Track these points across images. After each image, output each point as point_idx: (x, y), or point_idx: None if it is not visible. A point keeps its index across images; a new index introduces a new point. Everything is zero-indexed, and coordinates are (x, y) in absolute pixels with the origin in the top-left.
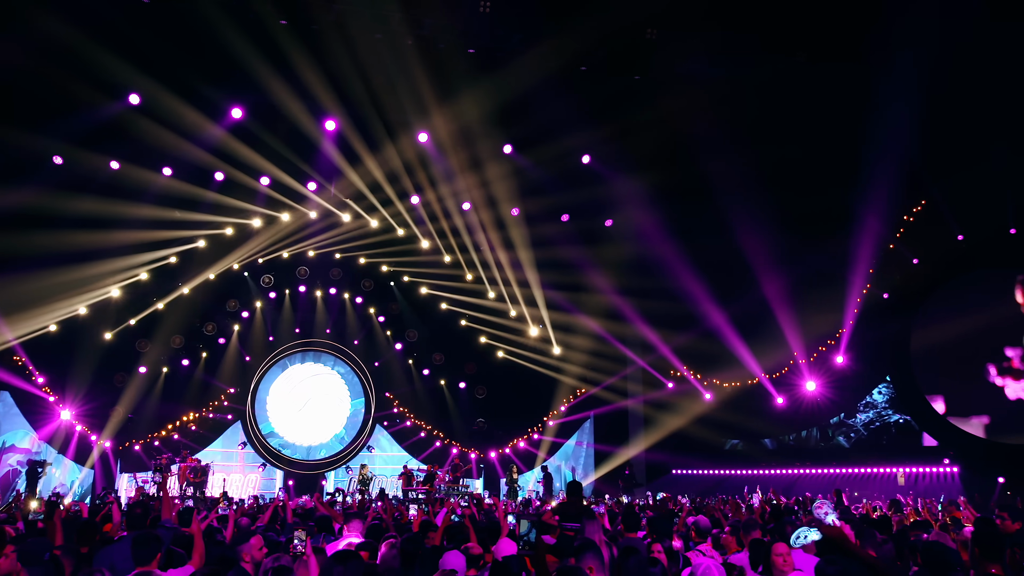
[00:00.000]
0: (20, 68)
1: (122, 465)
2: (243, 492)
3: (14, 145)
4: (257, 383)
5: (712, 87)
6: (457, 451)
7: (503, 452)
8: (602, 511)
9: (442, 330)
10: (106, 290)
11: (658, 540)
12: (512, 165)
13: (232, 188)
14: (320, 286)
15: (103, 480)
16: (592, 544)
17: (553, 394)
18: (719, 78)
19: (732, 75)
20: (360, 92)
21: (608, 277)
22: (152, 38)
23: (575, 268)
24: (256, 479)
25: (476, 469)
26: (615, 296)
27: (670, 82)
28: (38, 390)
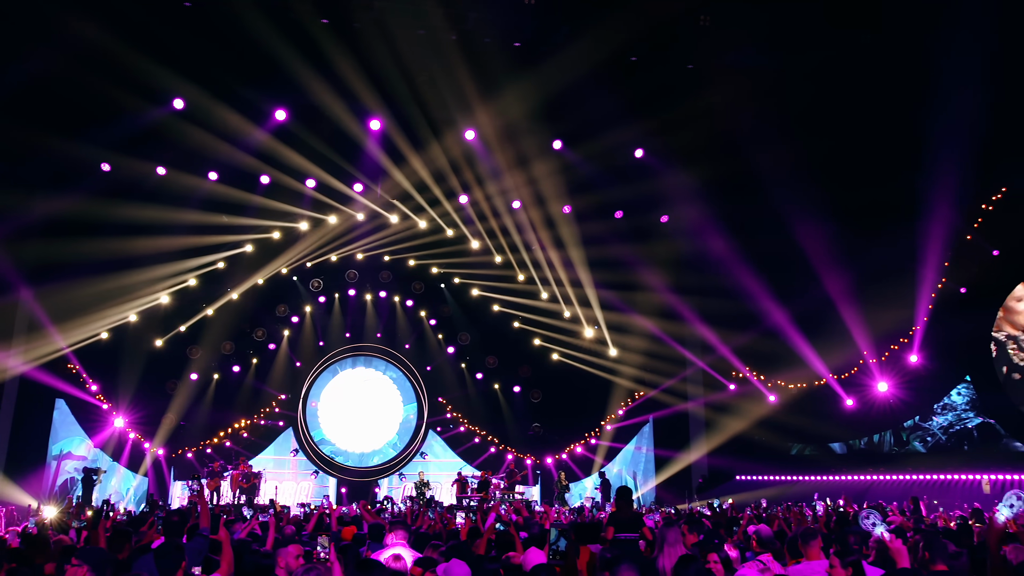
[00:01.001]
0: (65, 76)
1: (175, 472)
2: (296, 500)
3: (62, 153)
4: (308, 389)
5: (765, 75)
6: (512, 457)
7: (560, 458)
8: (657, 519)
9: (495, 333)
10: (155, 296)
11: (713, 550)
12: (561, 161)
13: (278, 191)
14: (370, 289)
15: (156, 488)
16: (628, 557)
17: (610, 397)
18: (772, 66)
19: (786, 62)
20: (404, 90)
21: (663, 275)
22: (193, 42)
23: (629, 266)
24: (309, 487)
25: (532, 475)
26: (671, 295)
27: (722, 71)
28: (92, 398)
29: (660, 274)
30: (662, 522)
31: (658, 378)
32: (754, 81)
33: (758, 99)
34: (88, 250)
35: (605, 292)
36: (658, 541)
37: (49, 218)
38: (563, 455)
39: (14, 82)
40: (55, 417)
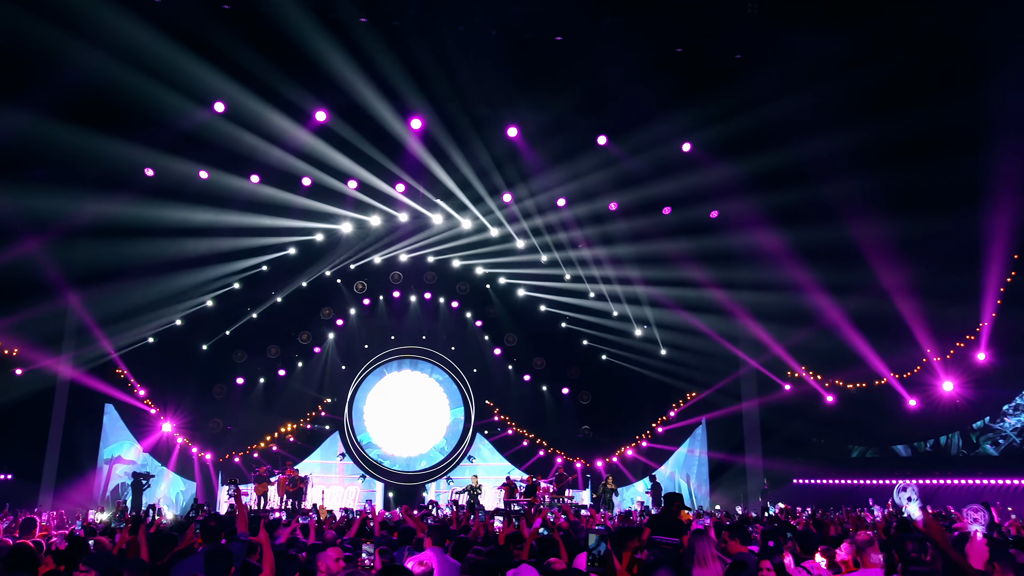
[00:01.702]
0: (111, 79)
1: (223, 477)
2: (344, 505)
3: (108, 156)
4: (354, 392)
5: (813, 62)
6: (562, 460)
7: (610, 461)
8: (708, 523)
9: (542, 333)
10: (201, 300)
11: (767, 556)
12: (607, 157)
13: (320, 193)
14: (414, 291)
15: (204, 493)
16: (666, 560)
17: (661, 398)
18: (822, 52)
19: (837, 47)
20: (445, 88)
21: (714, 272)
22: (234, 43)
23: (679, 263)
24: (356, 491)
25: (582, 479)
26: (722, 293)
27: (769, 60)
28: (140, 403)
29: (711, 271)
30: (712, 527)
31: (711, 378)
32: (803, 68)
33: (808, 87)
34: (134, 254)
35: (654, 290)
36: (687, 551)
37: (96, 223)
38: (613, 458)
39: (60, 86)
40: (105, 422)
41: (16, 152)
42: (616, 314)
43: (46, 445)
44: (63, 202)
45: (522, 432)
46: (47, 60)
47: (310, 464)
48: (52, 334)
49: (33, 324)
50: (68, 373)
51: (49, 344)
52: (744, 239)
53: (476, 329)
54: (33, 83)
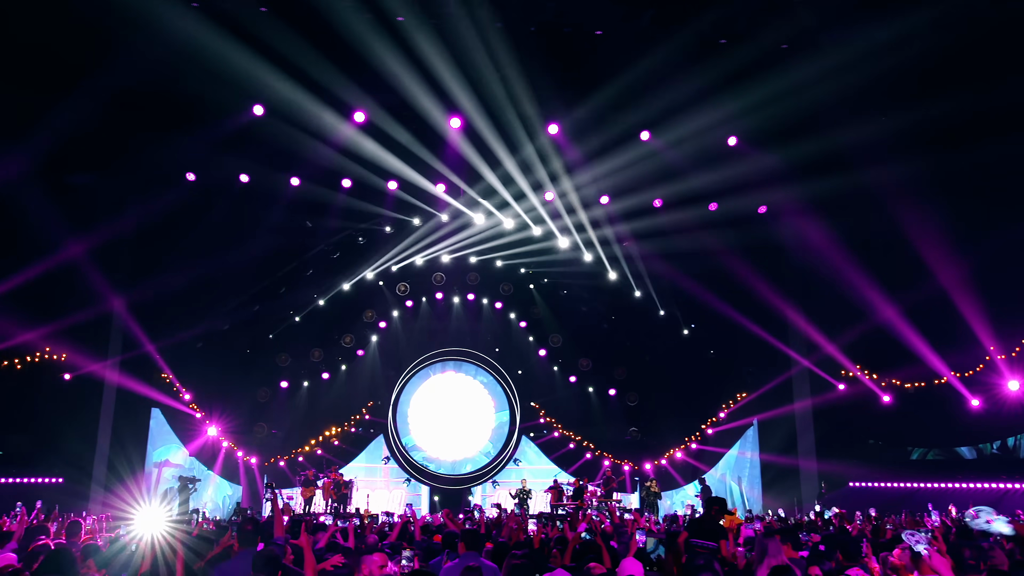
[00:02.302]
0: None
1: (268, 481)
2: (390, 508)
3: (151, 160)
4: (398, 395)
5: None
6: (609, 463)
7: (659, 463)
8: (758, 528)
9: (587, 333)
10: (243, 304)
11: (815, 562)
12: (650, 152)
13: (361, 193)
14: (457, 292)
15: (249, 496)
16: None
17: (711, 399)
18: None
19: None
20: (484, 85)
21: (762, 269)
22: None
23: (726, 260)
24: (401, 495)
25: (630, 482)
26: (771, 290)
27: (816, 47)
28: (185, 407)
29: (759, 268)
30: (763, 531)
31: (762, 378)
32: (851, 54)
33: (856, 73)
34: (177, 257)
35: (701, 288)
36: (758, 552)
37: (140, 228)
38: (662, 461)
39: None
40: (152, 426)
41: (61, 156)
42: (662, 313)
43: (95, 449)
44: (107, 208)
45: (569, 434)
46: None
47: (355, 468)
48: (98, 339)
49: (79, 329)
50: (115, 378)
51: (95, 349)
52: (793, 234)
53: (520, 330)
54: (78, 85)
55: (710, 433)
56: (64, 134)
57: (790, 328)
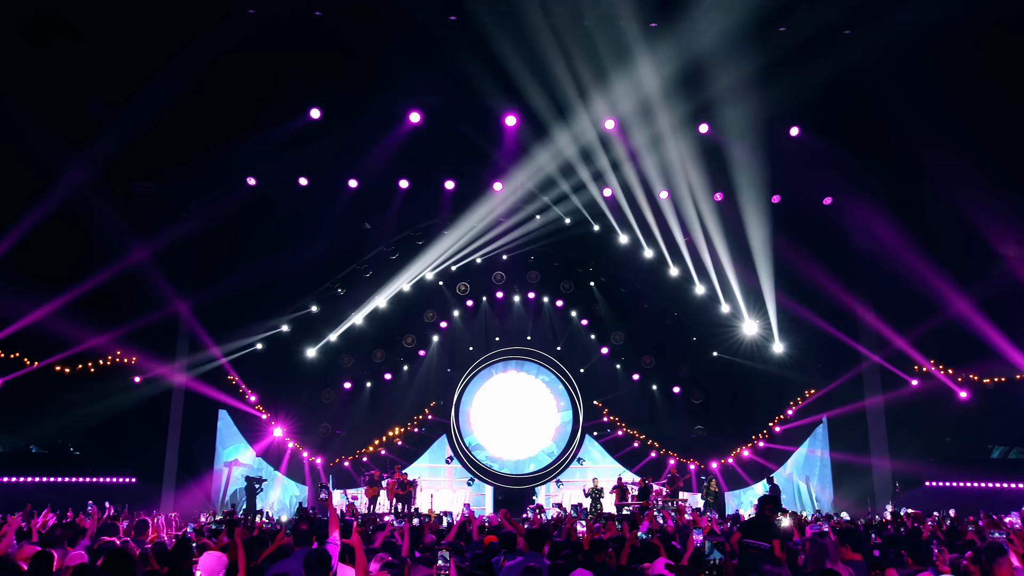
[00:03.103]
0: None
1: (334, 481)
2: (452, 508)
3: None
4: (460, 395)
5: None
6: (675, 462)
7: (725, 462)
8: (825, 528)
9: (649, 331)
10: (305, 305)
11: (876, 566)
12: (710, 145)
13: (418, 193)
14: (518, 291)
15: (314, 497)
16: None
17: (778, 396)
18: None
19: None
20: (539, 82)
21: (829, 262)
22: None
23: (792, 254)
24: (465, 495)
25: (696, 481)
26: (838, 284)
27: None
28: (251, 408)
29: (825, 260)
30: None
31: (830, 374)
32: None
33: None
34: (239, 262)
35: (766, 283)
36: (811, 554)
37: (203, 232)
38: (729, 459)
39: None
40: (220, 427)
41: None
42: (726, 309)
43: (165, 449)
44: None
45: (633, 433)
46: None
47: (419, 468)
48: (165, 343)
49: (147, 333)
50: (182, 380)
51: (163, 352)
52: (859, 225)
53: (582, 328)
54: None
55: (778, 431)
56: (128, 142)
57: (859, 322)
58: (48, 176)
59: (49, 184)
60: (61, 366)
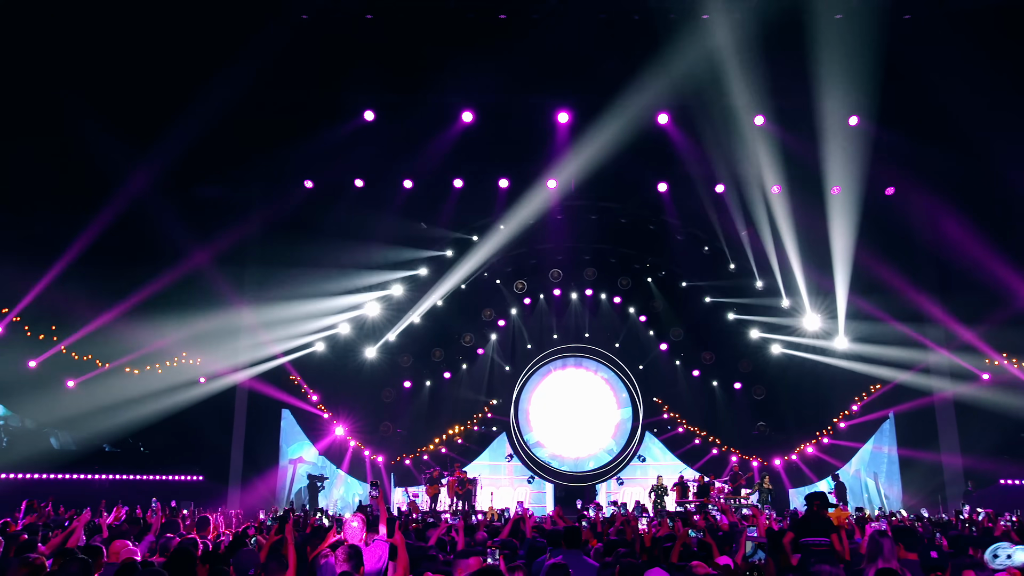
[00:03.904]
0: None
1: (395, 479)
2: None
3: (269, 168)
4: (519, 393)
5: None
6: (737, 459)
7: (789, 459)
8: (883, 527)
9: (709, 327)
10: (363, 306)
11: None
12: (765, 136)
13: (472, 193)
14: (575, 288)
15: None
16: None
17: (843, 392)
18: None
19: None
20: (590, 77)
21: (892, 254)
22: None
23: (854, 246)
24: (526, 492)
25: (759, 478)
26: (903, 276)
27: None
28: (313, 408)
29: (889, 252)
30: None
31: (896, 369)
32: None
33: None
34: (299, 262)
35: (828, 276)
36: (870, 551)
37: (262, 234)
38: (792, 456)
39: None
40: (283, 426)
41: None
42: (786, 304)
43: (230, 448)
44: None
45: (693, 430)
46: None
47: (479, 466)
48: (228, 343)
49: (210, 334)
50: (246, 381)
51: (226, 353)
52: (923, 216)
53: (640, 324)
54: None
55: (842, 427)
56: (188, 147)
57: (924, 315)
58: (112, 182)
59: (113, 190)
60: (130, 367)
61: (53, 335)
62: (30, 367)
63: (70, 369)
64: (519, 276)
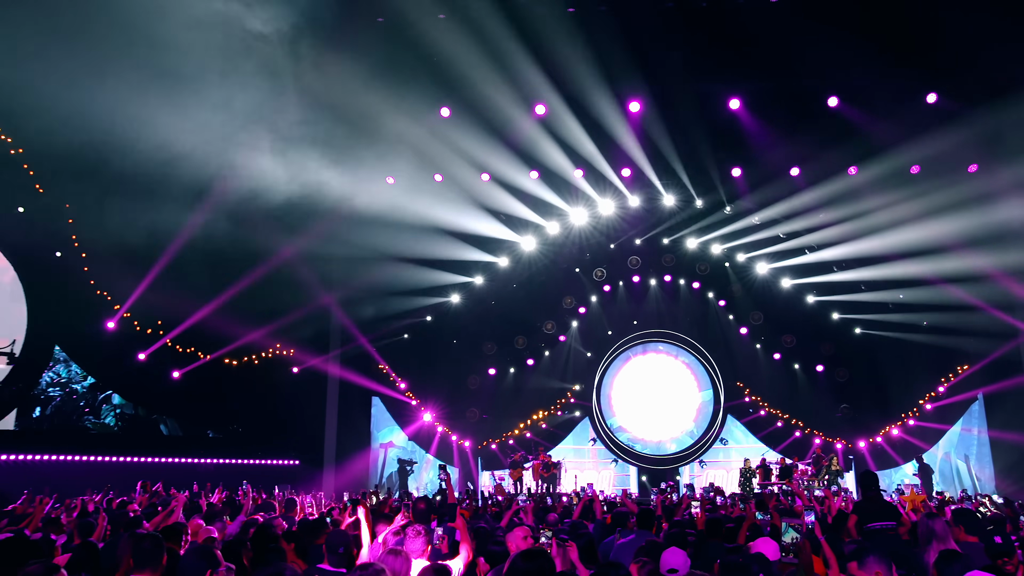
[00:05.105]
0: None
1: (482, 463)
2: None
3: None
4: (600, 378)
5: None
6: (820, 441)
7: (873, 441)
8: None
9: (788, 310)
10: (446, 296)
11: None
12: (839, 118)
13: (549, 184)
14: (654, 274)
15: (463, 478)
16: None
17: (928, 373)
18: None
19: None
20: (663, 67)
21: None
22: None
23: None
24: (610, 475)
25: (843, 461)
26: (985, 255)
27: None
28: (401, 395)
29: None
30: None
31: (984, 349)
32: None
33: None
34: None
35: (909, 258)
36: (923, 534)
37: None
38: (877, 438)
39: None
40: (373, 413)
41: None
42: (866, 286)
43: (323, 433)
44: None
45: (776, 412)
46: None
47: (563, 449)
48: (319, 335)
49: (301, 326)
50: (336, 370)
51: (317, 345)
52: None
53: (719, 309)
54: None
55: (928, 408)
56: None
57: (1012, 294)
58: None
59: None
60: (229, 358)
61: (159, 329)
62: (140, 359)
63: (175, 361)
64: (597, 263)
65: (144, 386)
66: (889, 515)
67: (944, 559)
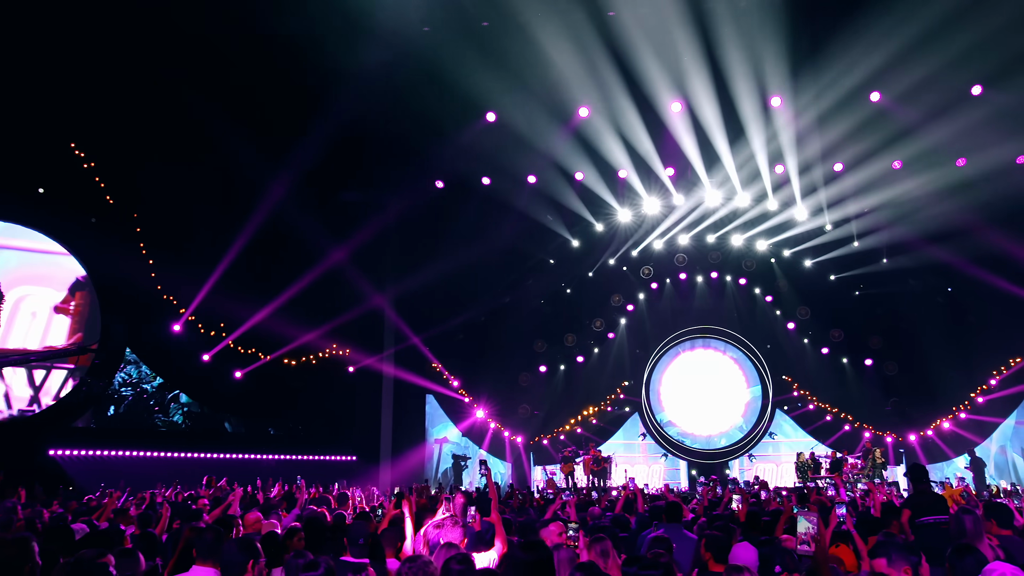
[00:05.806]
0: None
1: (534, 458)
2: (648, 482)
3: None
4: (649, 374)
5: None
6: (870, 435)
7: (924, 434)
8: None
9: (835, 304)
10: (496, 295)
11: None
12: (880, 112)
13: (595, 185)
14: (700, 271)
15: (515, 473)
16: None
17: (978, 366)
18: None
19: None
20: (710, 67)
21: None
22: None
23: (980, 219)
24: (660, 470)
25: (894, 454)
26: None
27: None
28: (454, 393)
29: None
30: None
31: None
32: None
33: None
34: (432, 258)
35: (955, 251)
36: (954, 530)
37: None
38: (928, 431)
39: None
40: (428, 410)
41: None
42: (913, 280)
43: (379, 430)
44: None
45: (824, 406)
46: None
47: (613, 444)
48: (373, 335)
49: (356, 327)
50: (390, 370)
51: (371, 345)
52: None
53: (766, 304)
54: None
55: (980, 402)
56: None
57: None
58: (258, 192)
59: (259, 199)
60: (288, 359)
61: (222, 332)
62: (204, 360)
63: (237, 361)
64: (645, 262)
65: (209, 385)
66: (940, 509)
67: (957, 552)
